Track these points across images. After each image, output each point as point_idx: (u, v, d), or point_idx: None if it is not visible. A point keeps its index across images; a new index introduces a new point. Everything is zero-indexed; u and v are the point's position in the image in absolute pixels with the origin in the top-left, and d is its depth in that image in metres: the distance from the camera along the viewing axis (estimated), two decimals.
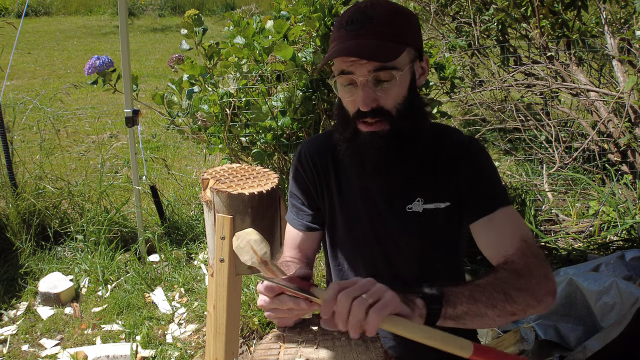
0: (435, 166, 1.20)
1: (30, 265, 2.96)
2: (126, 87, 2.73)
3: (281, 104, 2.57)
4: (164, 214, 3.29)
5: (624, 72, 3.46)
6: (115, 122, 5.39)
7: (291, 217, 1.34)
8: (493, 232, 1.13)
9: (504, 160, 4.02)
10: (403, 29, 1.08)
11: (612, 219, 2.80)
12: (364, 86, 1.07)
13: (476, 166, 1.19)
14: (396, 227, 1.23)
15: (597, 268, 2.23)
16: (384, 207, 1.23)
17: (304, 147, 1.33)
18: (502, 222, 1.13)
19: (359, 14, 1.07)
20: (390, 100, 1.09)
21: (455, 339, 0.91)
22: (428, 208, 1.20)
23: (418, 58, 1.13)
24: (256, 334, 2.40)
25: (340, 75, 1.10)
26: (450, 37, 4.36)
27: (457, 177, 1.18)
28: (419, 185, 1.21)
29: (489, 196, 1.16)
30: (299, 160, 1.32)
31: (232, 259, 1.49)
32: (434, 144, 1.20)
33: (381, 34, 1.05)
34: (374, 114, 1.08)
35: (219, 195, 1.46)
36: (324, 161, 1.28)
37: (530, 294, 0.99)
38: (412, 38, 1.10)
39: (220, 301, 1.53)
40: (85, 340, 2.47)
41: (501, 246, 1.10)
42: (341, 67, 1.09)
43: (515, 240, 1.09)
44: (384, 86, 1.07)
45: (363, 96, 1.07)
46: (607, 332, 1.78)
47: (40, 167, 3.41)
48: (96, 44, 9.90)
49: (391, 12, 1.08)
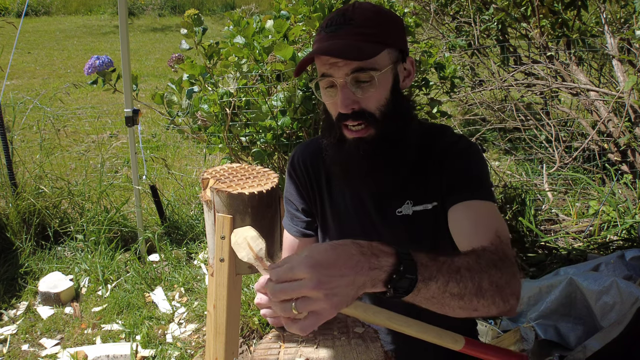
0: (426, 168, 1.18)
1: (30, 264, 2.96)
2: (126, 86, 2.73)
3: (281, 104, 2.57)
4: (164, 213, 3.29)
5: (623, 71, 3.46)
6: (115, 121, 5.39)
7: (287, 223, 1.34)
8: (469, 221, 1.08)
9: (504, 160, 4.02)
10: (382, 29, 1.07)
11: (612, 219, 2.80)
12: (342, 87, 1.06)
13: (461, 160, 1.16)
14: (387, 231, 1.22)
15: (597, 268, 2.22)
16: (374, 212, 1.22)
17: (297, 152, 1.32)
18: (480, 212, 1.08)
19: (339, 16, 1.08)
20: (372, 102, 1.07)
21: (446, 333, 0.91)
22: (417, 210, 1.19)
23: (401, 60, 1.11)
24: (256, 334, 2.41)
25: (321, 78, 1.09)
26: (450, 37, 4.36)
27: (442, 174, 1.16)
28: (407, 188, 1.19)
29: (471, 186, 1.12)
30: (292, 165, 1.31)
31: (232, 258, 1.49)
32: (424, 146, 1.18)
33: (358, 34, 1.05)
34: (356, 116, 1.07)
35: (219, 194, 1.46)
36: (316, 166, 1.28)
37: (499, 291, 0.89)
38: (393, 39, 1.09)
39: (220, 301, 1.53)
40: (85, 340, 2.47)
41: (474, 236, 1.03)
42: (321, 70, 1.08)
43: (490, 234, 1.01)
44: (364, 87, 1.06)
45: (342, 97, 1.06)
46: (607, 332, 1.78)
47: (40, 167, 3.42)
48: (96, 43, 9.91)
49: (371, 14, 1.08)
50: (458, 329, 0.99)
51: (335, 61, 1.05)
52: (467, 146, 1.17)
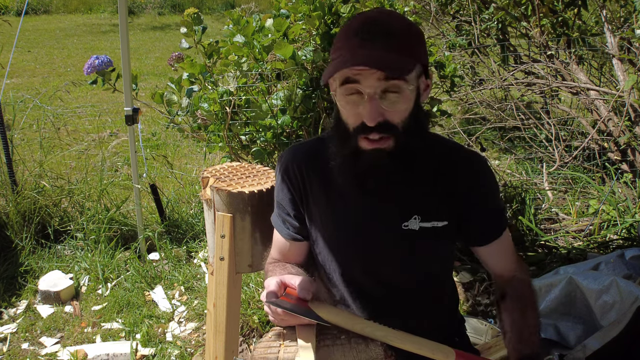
0: (436, 183, 1.16)
1: (30, 263, 2.96)
2: (126, 85, 2.73)
3: (281, 103, 2.57)
4: (164, 212, 3.29)
5: (624, 70, 3.46)
6: (115, 120, 5.39)
7: (278, 223, 1.29)
8: (499, 254, 1.23)
9: (503, 159, 4.02)
10: (413, 44, 1.04)
11: (612, 218, 2.80)
12: (371, 99, 1.00)
13: (481, 188, 1.18)
14: (388, 243, 1.19)
15: (596, 267, 2.22)
16: (377, 223, 1.18)
17: (288, 155, 1.25)
18: (505, 244, 1.24)
19: (373, 24, 1.01)
20: (397, 114, 1.03)
21: (436, 345, 0.94)
22: (425, 226, 1.16)
23: (424, 74, 1.08)
24: (256, 332, 2.41)
25: (344, 82, 1.02)
26: (450, 36, 4.36)
27: (459, 197, 1.16)
28: (417, 203, 1.17)
29: (496, 221, 1.21)
30: (285, 170, 1.24)
31: (232, 257, 1.50)
32: (434, 159, 1.16)
33: (394, 47, 1.00)
34: (380, 129, 1.02)
35: (219, 193, 1.47)
36: (310, 170, 1.22)
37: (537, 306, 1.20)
38: (421, 54, 1.06)
39: (220, 299, 1.53)
40: (85, 339, 2.48)
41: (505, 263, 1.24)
42: (346, 74, 1.01)
43: (514, 260, 1.25)
44: (392, 99, 1.01)
45: (370, 110, 0.99)
46: (607, 331, 1.78)
47: (40, 166, 3.42)
48: (96, 42, 9.90)
49: (406, 26, 1.04)
50: (445, 327, 1.06)
51: (366, 69, 0.98)
52: (482, 167, 1.22)
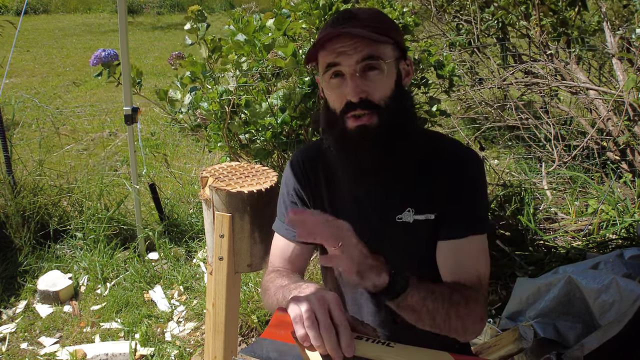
0: (430, 176, 1.18)
1: (29, 263, 2.96)
2: (125, 85, 2.73)
3: (281, 102, 2.57)
4: (163, 211, 3.29)
5: (623, 70, 3.46)
6: (114, 119, 5.39)
7: (283, 228, 1.28)
8: (452, 259, 1.14)
9: (503, 158, 4.02)
10: (387, 26, 1.12)
11: (611, 218, 2.80)
12: (352, 76, 1.07)
13: (466, 184, 1.16)
14: (384, 237, 1.20)
15: (596, 266, 2.22)
16: (373, 216, 1.20)
17: (297, 155, 1.30)
18: (466, 252, 1.14)
19: (344, 13, 1.12)
20: (379, 91, 1.09)
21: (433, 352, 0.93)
22: (419, 219, 1.17)
23: (402, 58, 1.15)
24: (255, 332, 2.41)
25: (326, 69, 1.10)
26: (450, 35, 4.36)
27: (447, 191, 1.16)
28: (410, 195, 1.18)
29: (465, 220, 1.14)
30: (292, 168, 1.28)
31: (231, 256, 1.50)
32: (429, 153, 1.18)
33: (365, 26, 1.08)
34: (363, 105, 1.08)
35: (218, 193, 1.46)
36: (315, 170, 1.26)
37: (462, 326, 1.05)
38: (396, 37, 1.13)
39: (220, 299, 1.53)
40: (84, 338, 2.47)
41: (455, 275, 1.13)
42: (327, 60, 1.09)
43: (471, 276, 1.12)
44: (371, 78, 1.08)
45: (352, 86, 1.07)
46: (606, 330, 1.78)
47: (40, 165, 3.41)
48: (95, 41, 9.90)
49: (374, 13, 1.13)
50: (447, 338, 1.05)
51: (344, 50, 1.06)
52: (475, 166, 1.18)
